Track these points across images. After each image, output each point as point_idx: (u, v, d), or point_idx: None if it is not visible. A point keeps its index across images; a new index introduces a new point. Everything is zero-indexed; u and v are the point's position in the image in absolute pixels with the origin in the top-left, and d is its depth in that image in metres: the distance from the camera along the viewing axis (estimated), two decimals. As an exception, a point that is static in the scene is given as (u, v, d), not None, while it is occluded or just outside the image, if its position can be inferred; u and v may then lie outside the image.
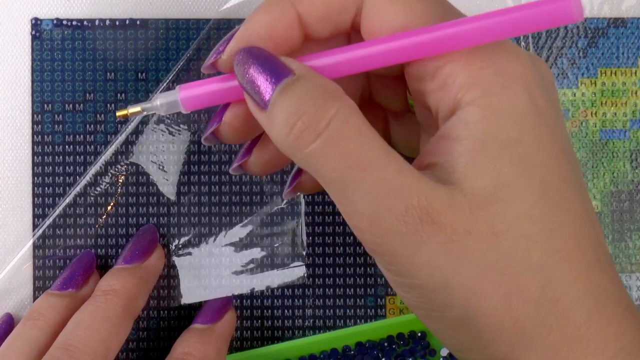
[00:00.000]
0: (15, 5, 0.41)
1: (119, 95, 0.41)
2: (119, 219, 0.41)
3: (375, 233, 0.27)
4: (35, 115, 0.41)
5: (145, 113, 0.32)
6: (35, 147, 0.41)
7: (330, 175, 0.27)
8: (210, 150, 0.41)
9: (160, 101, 0.32)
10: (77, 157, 0.41)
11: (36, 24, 0.41)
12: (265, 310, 0.41)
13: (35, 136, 0.41)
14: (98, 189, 0.41)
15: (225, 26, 0.41)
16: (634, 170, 0.42)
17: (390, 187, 0.26)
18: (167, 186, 0.41)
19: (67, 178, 0.41)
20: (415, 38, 0.28)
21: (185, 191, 0.41)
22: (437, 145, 0.28)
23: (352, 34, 0.32)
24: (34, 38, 0.41)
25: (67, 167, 0.41)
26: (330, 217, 0.41)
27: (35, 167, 0.41)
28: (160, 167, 0.41)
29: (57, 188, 0.41)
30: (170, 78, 0.41)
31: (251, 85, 0.28)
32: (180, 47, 0.41)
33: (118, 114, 0.33)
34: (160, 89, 0.41)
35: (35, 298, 0.41)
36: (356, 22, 0.30)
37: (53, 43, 0.41)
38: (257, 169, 0.34)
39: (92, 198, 0.41)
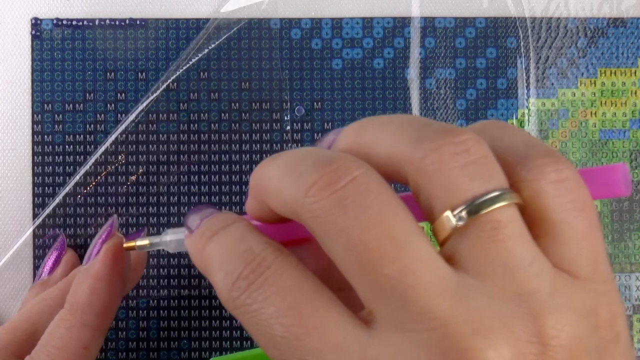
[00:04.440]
0: (15, 5, 0.41)
1: (119, 95, 0.41)
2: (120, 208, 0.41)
3: None
4: (35, 115, 0.41)
5: (152, 248, 0.31)
6: (35, 147, 0.41)
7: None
8: (210, 149, 0.41)
9: (171, 237, 0.30)
10: (77, 157, 0.41)
11: (36, 23, 0.41)
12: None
13: (35, 136, 0.41)
14: (98, 177, 0.41)
15: (225, 26, 0.41)
16: (634, 170, 0.42)
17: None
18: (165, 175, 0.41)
19: (67, 178, 0.41)
20: None
21: (184, 181, 0.41)
22: None
23: None
24: (34, 38, 0.41)
25: (67, 167, 0.41)
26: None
27: (35, 167, 0.41)
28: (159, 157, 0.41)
29: (57, 188, 0.41)
30: (170, 78, 0.41)
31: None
32: (180, 47, 0.41)
33: (125, 245, 0.31)
34: (161, 89, 0.41)
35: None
36: None
37: (53, 43, 0.41)
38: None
39: (92, 188, 0.41)
